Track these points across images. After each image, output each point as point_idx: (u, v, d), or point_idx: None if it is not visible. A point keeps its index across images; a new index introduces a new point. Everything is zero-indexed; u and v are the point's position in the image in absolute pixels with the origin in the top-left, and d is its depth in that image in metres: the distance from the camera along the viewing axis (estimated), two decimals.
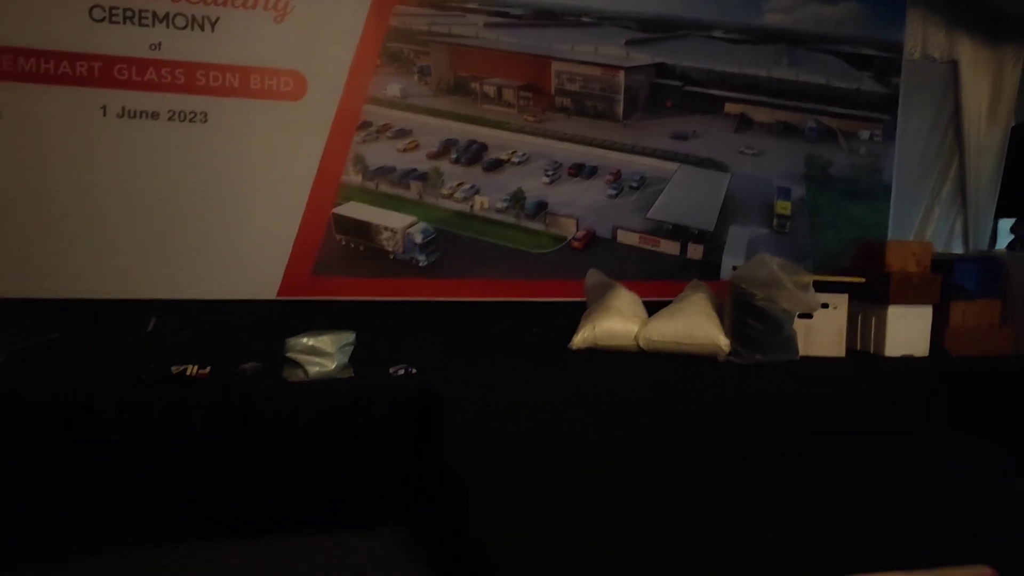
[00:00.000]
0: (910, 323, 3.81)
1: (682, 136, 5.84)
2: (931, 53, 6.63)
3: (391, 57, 5.21)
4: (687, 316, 3.70)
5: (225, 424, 2.80)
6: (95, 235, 4.68)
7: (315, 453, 2.89)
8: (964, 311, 3.86)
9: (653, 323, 3.73)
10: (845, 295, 3.83)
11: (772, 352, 3.52)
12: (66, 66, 4.64)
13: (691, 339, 3.62)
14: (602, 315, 3.83)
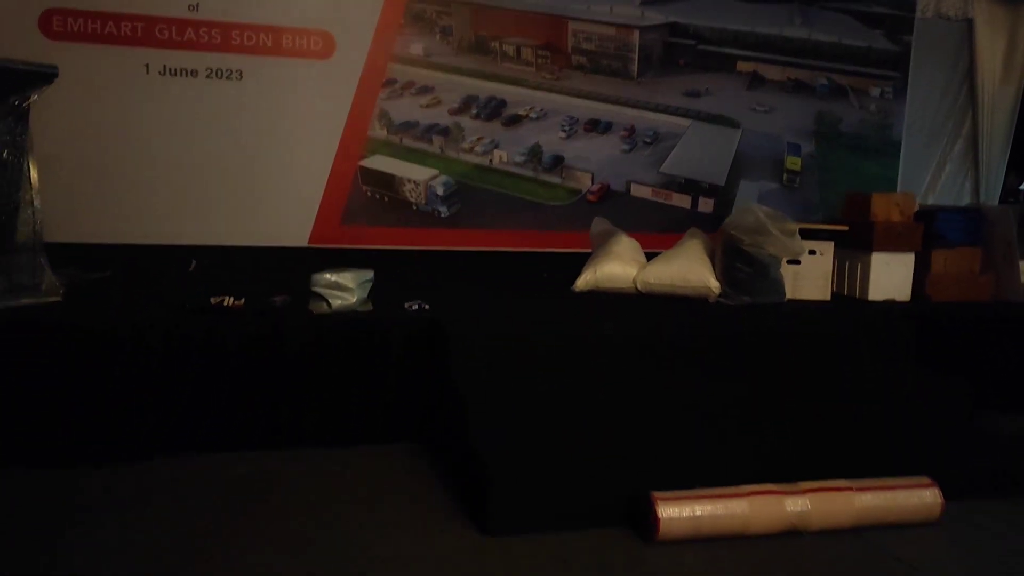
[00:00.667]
0: (893, 269, 4.05)
1: (694, 93, 6.05)
2: (945, 12, 6.73)
3: (414, 17, 5.47)
4: (681, 261, 3.97)
5: (257, 348, 3.15)
6: (140, 185, 5.04)
7: (337, 376, 3.24)
8: (945, 259, 4.09)
9: (650, 267, 4.01)
10: (831, 243, 4.07)
11: (760, 294, 3.79)
12: (112, 26, 4.98)
13: (684, 281, 3.90)
14: (603, 259, 4.12)
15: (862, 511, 2.65)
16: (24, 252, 3.22)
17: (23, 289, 3.21)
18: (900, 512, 2.69)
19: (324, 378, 3.25)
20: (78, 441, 3.03)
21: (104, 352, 3.07)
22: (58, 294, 3.35)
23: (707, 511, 2.53)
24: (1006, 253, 4.13)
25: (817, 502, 2.61)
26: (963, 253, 4.12)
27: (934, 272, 4.07)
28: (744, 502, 2.55)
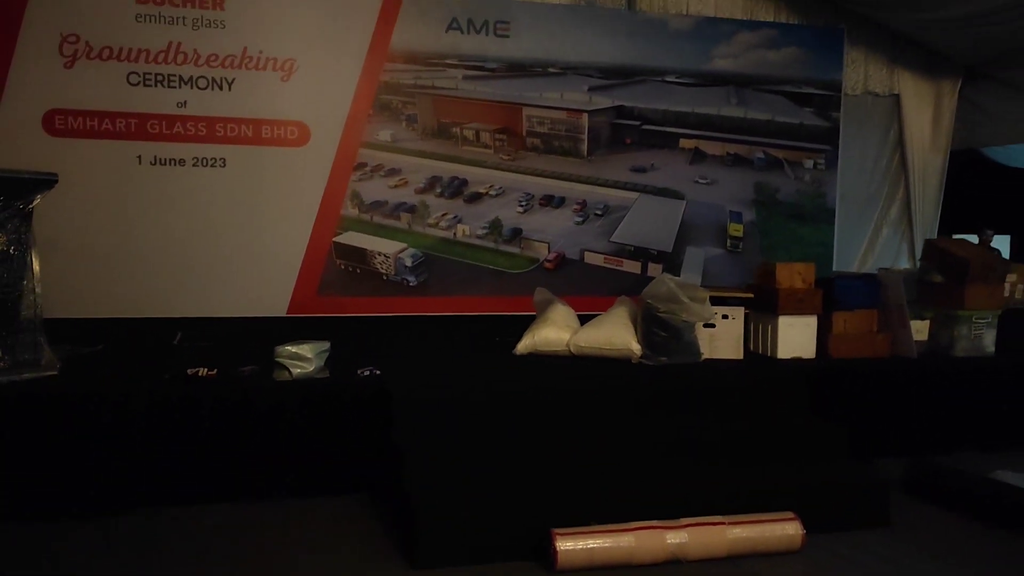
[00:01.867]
0: (798, 330, 4.53)
1: (641, 169, 6.61)
2: (873, 88, 7.35)
3: (382, 107, 6.06)
4: (608, 326, 4.47)
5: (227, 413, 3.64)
6: (132, 264, 5.56)
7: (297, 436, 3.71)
8: (845, 320, 4.57)
9: (581, 332, 4.51)
10: (741, 307, 4.58)
11: (676, 355, 4.27)
12: (108, 123, 5.56)
13: (610, 345, 4.39)
14: (541, 326, 4.62)
15: (734, 542, 3.11)
16: (26, 332, 3.73)
17: (25, 365, 3.71)
18: (767, 543, 3.15)
19: (286, 438, 3.73)
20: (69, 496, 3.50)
21: (94, 419, 3.56)
22: (55, 368, 3.85)
23: (599, 544, 2.99)
24: (899, 314, 4.63)
25: (695, 535, 3.08)
26: (861, 315, 4.62)
27: (835, 332, 4.56)
28: (631, 536, 3.02)
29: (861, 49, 7.25)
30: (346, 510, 3.65)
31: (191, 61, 5.64)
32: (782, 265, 4.56)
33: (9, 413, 3.46)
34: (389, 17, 5.99)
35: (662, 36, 6.59)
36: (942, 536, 3.51)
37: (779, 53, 6.84)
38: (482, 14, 6.17)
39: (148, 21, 5.56)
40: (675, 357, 4.29)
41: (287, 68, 5.82)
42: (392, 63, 6.02)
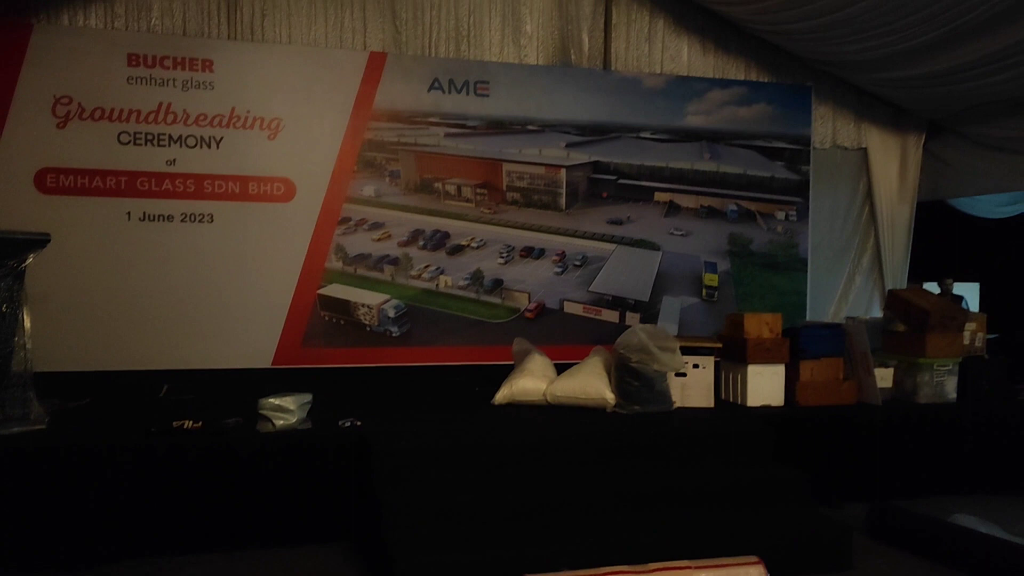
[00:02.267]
0: (766, 379, 4.68)
1: (618, 221, 6.82)
2: (841, 143, 7.63)
3: (367, 164, 6.27)
4: (582, 376, 4.62)
5: (212, 464, 3.75)
6: (120, 318, 5.69)
7: (280, 486, 3.82)
8: (812, 368, 4.73)
9: (557, 382, 4.65)
10: (711, 357, 4.74)
11: (648, 404, 4.42)
12: (99, 181, 5.73)
13: (585, 394, 4.54)
14: (518, 376, 4.77)
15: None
16: (16, 387, 3.84)
17: (14, 419, 3.82)
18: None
19: (269, 488, 3.84)
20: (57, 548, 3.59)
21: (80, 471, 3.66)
22: (43, 423, 3.96)
23: None
24: (863, 362, 4.80)
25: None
26: (827, 363, 4.78)
27: (802, 380, 4.73)
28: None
29: (829, 105, 7.53)
30: (328, 558, 3.74)
31: (180, 120, 5.85)
32: (750, 315, 4.74)
33: None
34: (373, 78, 6.23)
35: (636, 94, 6.85)
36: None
37: (749, 109, 7.11)
38: (463, 74, 6.41)
39: (139, 83, 5.77)
40: (648, 406, 4.43)
41: (273, 127, 6.02)
42: (376, 121, 6.24)
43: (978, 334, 5.26)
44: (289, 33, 6.19)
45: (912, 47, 6.05)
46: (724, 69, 7.22)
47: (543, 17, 6.77)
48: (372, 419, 4.24)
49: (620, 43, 7.01)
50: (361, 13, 6.32)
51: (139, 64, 5.77)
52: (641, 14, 7.05)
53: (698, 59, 7.18)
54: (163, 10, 5.96)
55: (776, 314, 4.81)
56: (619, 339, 4.57)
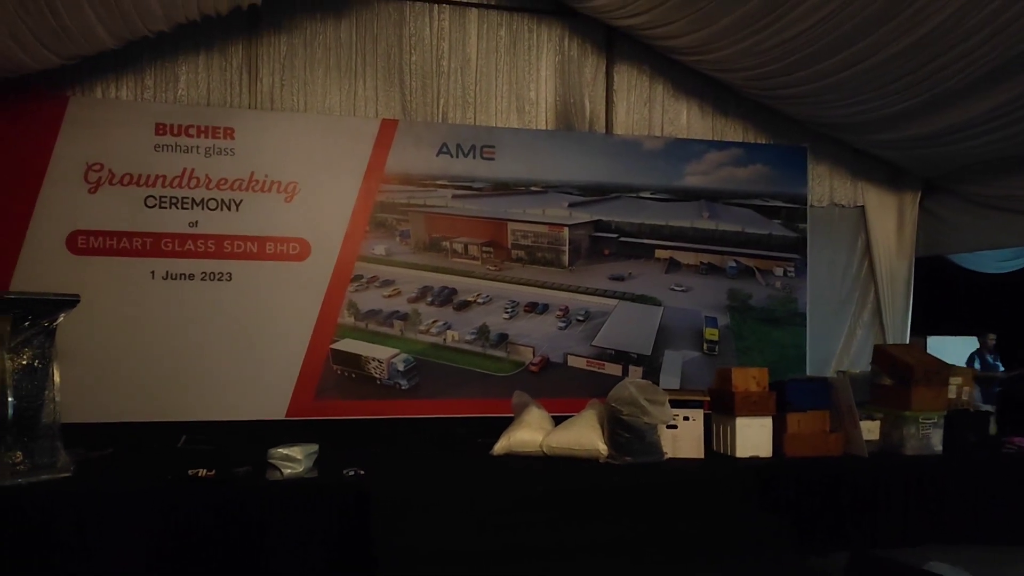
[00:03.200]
0: (754, 430, 4.87)
1: (619, 277, 7.07)
2: (839, 201, 7.87)
3: (377, 224, 6.59)
4: (577, 428, 4.84)
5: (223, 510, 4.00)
6: (142, 372, 6.00)
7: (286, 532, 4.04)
8: (799, 420, 4.91)
9: (552, 434, 4.87)
10: (700, 409, 4.94)
11: (639, 455, 4.61)
12: (125, 242, 6.09)
13: (579, 445, 4.75)
14: (516, 428, 4.99)
15: None
16: (45, 437, 4.12)
17: (42, 467, 4.10)
18: None
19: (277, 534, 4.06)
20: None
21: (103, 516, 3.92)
22: (69, 470, 4.22)
23: None
24: (849, 415, 4.98)
25: None
26: (814, 415, 4.97)
27: (789, 432, 4.91)
28: None
29: (826, 164, 7.80)
30: None
31: (203, 185, 6.22)
32: (737, 370, 4.95)
33: (27, 511, 3.83)
34: (385, 143, 6.59)
35: (637, 156, 7.16)
36: None
37: (747, 170, 7.39)
38: (470, 139, 6.76)
39: (165, 150, 6.16)
40: (639, 456, 4.63)
41: (290, 190, 6.38)
42: (388, 184, 6.58)
43: (964, 388, 5.43)
44: (305, 102, 6.58)
45: (899, 111, 6.33)
46: (723, 131, 7.53)
47: (547, 84, 7.13)
48: (377, 468, 4.46)
49: (621, 107, 7.35)
50: (373, 82, 6.71)
51: (166, 132, 6.16)
52: (641, 80, 7.39)
53: (697, 122, 7.50)
54: (188, 82, 6.38)
55: (763, 368, 5.01)
56: (611, 393, 4.79)
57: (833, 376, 5.46)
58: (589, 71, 7.25)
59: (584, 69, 7.23)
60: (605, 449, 4.70)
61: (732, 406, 4.87)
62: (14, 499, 3.88)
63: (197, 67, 6.41)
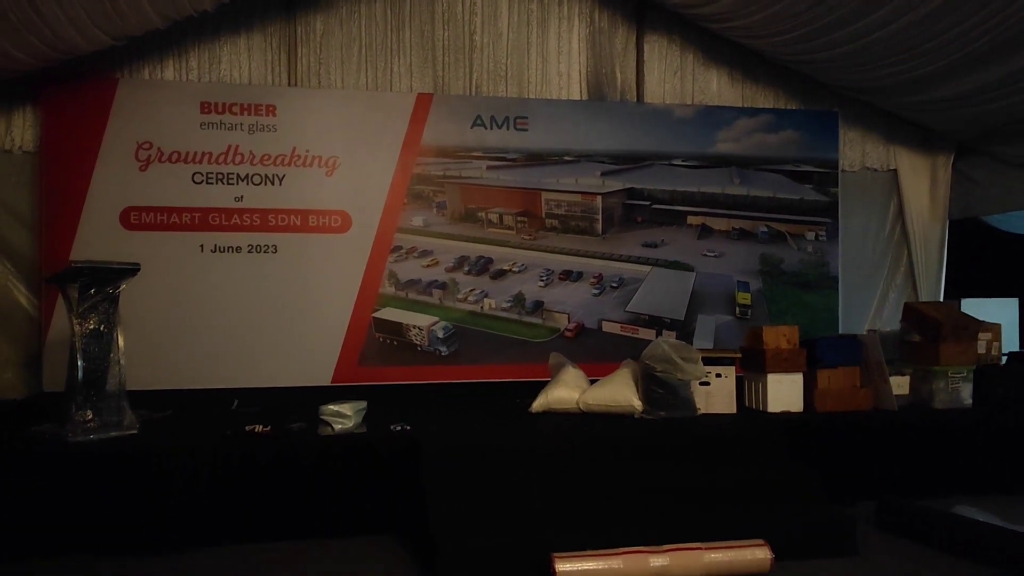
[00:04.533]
0: (785, 387, 5.01)
1: (652, 244, 7.21)
2: (871, 165, 7.90)
3: (415, 196, 6.78)
4: (612, 385, 5.01)
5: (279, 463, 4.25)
6: (195, 342, 6.27)
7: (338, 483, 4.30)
8: (829, 377, 5.03)
9: (589, 391, 5.06)
10: (732, 366, 5.09)
11: (673, 410, 4.78)
12: (175, 217, 6.35)
13: (614, 402, 4.93)
14: (553, 386, 5.19)
15: (709, 565, 3.59)
16: (112, 398, 4.41)
17: (111, 425, 4.39)
18: (739, 565, 3.61)
19: (328, 485, 4.32)
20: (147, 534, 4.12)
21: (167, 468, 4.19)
22: (135, 428, 4.51)
23: (592, 566, 3.49)
24: (879, 371, 5.10)
25: (675, 559, 3.56)
26: (844, 372, 5.09)
27: (820, 387, 5.04)
28: (620, 559, 3.51)
29: (858, 128, 7.83)
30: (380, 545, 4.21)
31: (247, 161, 6.45)
32: (768, 328, 5.09)
33: (98, 464, 4.12)
34: (420, 117, 6.77)
35: (668, 124, 7.27)
36: (903, 564, 3.93)
37: (777, 136, 7.46)
38: (503, 111, 6.92)
39: (211, 128, 6.40)
40: (673, 412, 4.80)
41: (331, 164, 6.59)
42: (424, 157, 6.77)
43: (993, 343, 5.51)
44: (343, 79, 6.77)
45: (928, 72, 6.36)
46: (753, 98, 7.60)
47: (578, 55, 7.25)
48: (420, 426, 4.69)
49: (652, 77, 7.44)
50: (408, 58, 6.89)
51: (211, 111, 6.40)
52: (672, 49, 7.48)
53: (727, 89, 7.57)
54: (231, 62, 6.60)
55: (793, 327, 5.14)
56: (644, 351, 4.96)
57: (863, 333, 5.56)
58: (620, 41, 7.35)
59: (615, 40, 7.34)
60: (640, 405, 4.88)
61: (763, 363, 5.01)
62: (86, 454, 4.17)
63: (238, 47, 6.63)
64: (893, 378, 5.13)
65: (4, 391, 6.06)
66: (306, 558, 4.07)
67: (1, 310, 6.15)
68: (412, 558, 3.99)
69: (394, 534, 4.34)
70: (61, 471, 4.11)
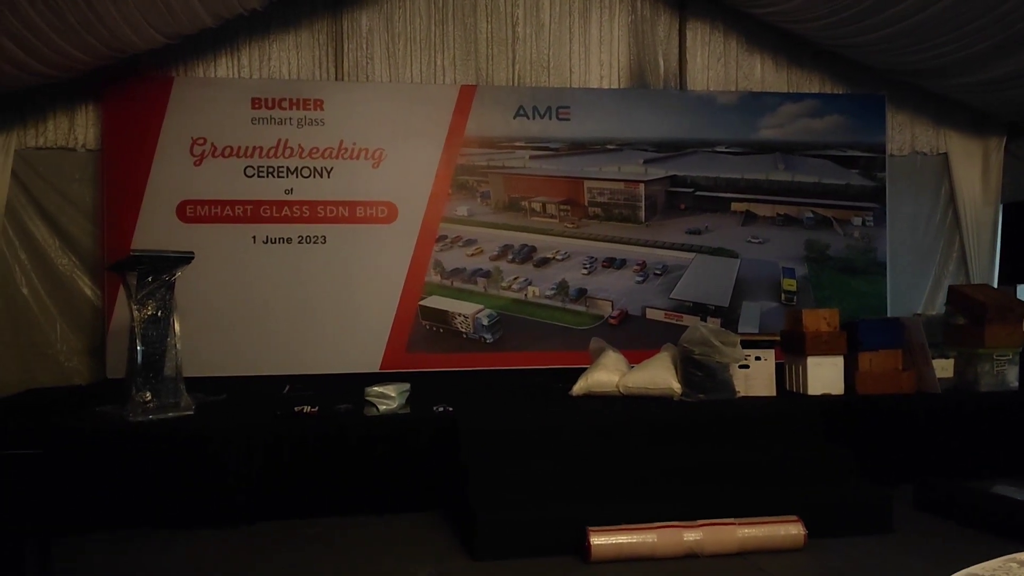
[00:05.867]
0: (826, 369, 5.00)
1: (696, 231, 7.23)
2: (921, 148, 7.78)
3: (459, 187, 6.91)
4: (652, 369, 5.06)
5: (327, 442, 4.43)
6: (247, 329, 6.49)
7: (383, 461, 4.45)
8: (871, 359, 5.01)
9: (629, 374, 5.12)
10: (772, 349, 5.10)
11: (712, 392, 4.82)
12: (228, 210, 6.58)
13: (654, 384, 4.98)
14: (593, 370, 5.26)
15: (743, 540, 3.64)
16: (170, 380, 4.64)
17: (168, 406, 4.61)
18: (772, 541, 3.66)
19: (374, 463, 4.47)
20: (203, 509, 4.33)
21: (221, 446, 4.39)
22: (191, 409, 4.73)
23: (626, 540, 3.58)
24: (921, 354, 5.07)
25: (709, 533, 3.62)
26: (886, 355, 5.07)
27: (861, 370, 5.03)
28: (654, 533, 3.59)
29: (907, 112, 7.72)
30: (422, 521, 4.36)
31: (296, 154, 6.65)
32: (808, 311, 5.09)
33: (156, 442, 4.34)
34: (464, 108, 6.89)
35: (711, 111, 7.27)
36: (938, 542, 3.93)
37: (823, 121, 7.40)
38: (545, 101, 7.00)
39: (261, 123, 6.61)
40: (712, 394, 4.85)
41: (377, 156, 6.75)
42: (468, 147, 6.90)
43: None
44: (389, 73, 6.93)
45: (977, 52, 6.26)
46: (798, 83, 7.55)
47: (620, 44, 7.30)
48: (462, 407, 4.81)
49: (695, 64, 7.45)
50: (451, 51, 7.02)
51: (261, 106, 6.61)
52: (715, 35, 7.48)
53: (771, 75, 7.54)
54: (280, 59, 6.81)
55: (833, 309, 5.14)
56: (683, 335, 5.01)
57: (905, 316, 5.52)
58: (662, 29, 7.38)
59: (657, 27, 7.37)
60: (679, 387, 4.93)
61: (803, 346, 5.02)
62: (145, 433, 4.39)
63: (287, 44, 6.83)
64: (937, 361, 5.10)
65: (70, 377, 6.37)
66: (352, 533, 4.23)
67: (67, 301, 6.45)
68: (454, 534, 4.12)
69: (437, 511, 4.47)
70: (122, 449, 4.34)
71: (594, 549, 3.57)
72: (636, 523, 3.69)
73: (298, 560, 3.88)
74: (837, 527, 3.92)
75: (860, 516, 4.02)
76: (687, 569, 3.57)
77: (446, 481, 4.45)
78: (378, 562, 3.81)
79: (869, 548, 3.80)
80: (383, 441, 4.49)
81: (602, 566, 3.57)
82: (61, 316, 6.44)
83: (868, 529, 3.97)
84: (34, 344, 6.38)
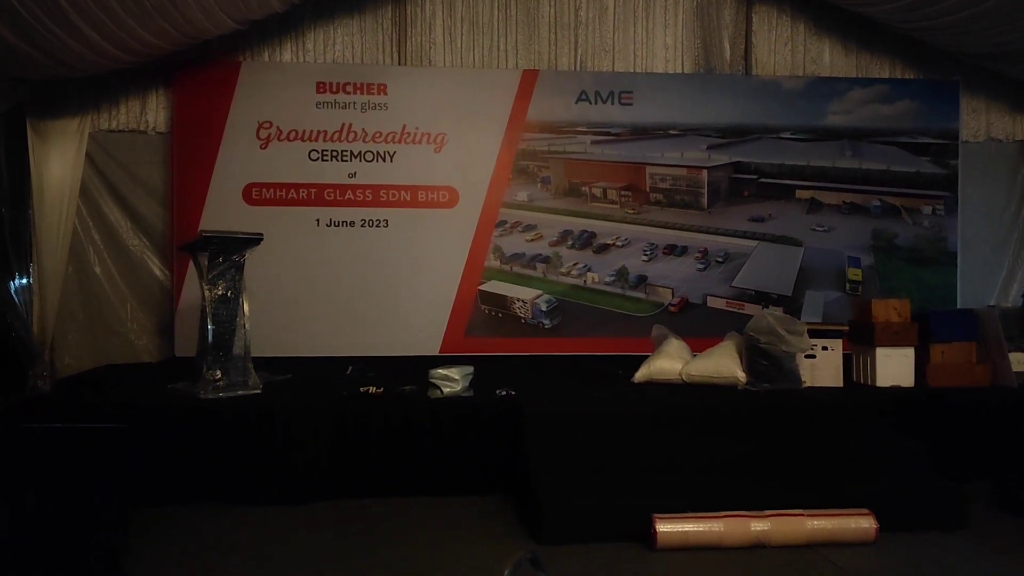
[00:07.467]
0: (895, 360, 4.89)
1: (759, 219, 7.11)
2: (996, 135, 7.53)
3: (520, 171, 6.90)
4: (716, 357, 5.01)
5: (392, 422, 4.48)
6: (312, 310, 6.59)
7: (447, 443, 4.50)
8: (943, 352, 4.88)
9: (692, 362, 5.07)
10: (840, 340, 5.00)
11: (777, 381, 4.75)
12: (293, 193, 6.67)
13: (718, 373, 4.93)
14: (656, 357, 5.23)
15: (812, 532, 3.59)
16: (239, 359, 4.74)
17: (237, 384, 4.72)
18: (842, 534, 3.61)
19: (437, 445, 4.52)
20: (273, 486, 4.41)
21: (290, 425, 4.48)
22: (259, 388, 4.83)
23: (693, 528, 3.55)
24: (997, 347, 4.92)
25: (777, 524, 3.58)
26: (959, 347, 4.94)
27: (932, 362, 4.91)
28: (721, 522, 3.56)
29: (982, 98, 7.47)
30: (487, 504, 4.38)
31: (360, 139, 6.70)
32: (877, 301, 4.98)
33: (226, 419, 4.44)
34: (526, 93, 6.87)
35: (776, 97, 7.13)
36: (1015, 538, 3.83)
37: (893, 107, 7.21)
38: (607, 86, 6.94)
39: (326, 107, 6.68)
40: (777, 383, 4.78)
41: (439, 141, 6.78)
42: (529, 133, 6.88)
43: None
44: (451, 57, 6.94)
45: None
46: (868, 68, 7.36)
47: (684, 28, 7.19)
48: (524, 392, 4.83)
49: (761, 48, 7.31)
50: (513, 36, 6.99)
51: (325, 91, 6.68)
52: (781, 19, 7.33)
53: (840, 59, 7.36)
54: (344, 44, 6.87)
55: (904, 300, 5.02)
56: (749, 323, 4.95)
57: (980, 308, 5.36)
58: (728, 13, 7.25)
59: (723, 11, 7.24)
60: (744, 376, 4.88)
61: (872, 336, 4.92)
62: (216, 410, 4.49)
63: (351, 29, 6.88)
64: (1014, 355, 4.95)
65: (140, 355, 6.54)
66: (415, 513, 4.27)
67: (138, 281, 6.61)
68: (516, 517, 4.14)
69: (498, 494, 4.50)
70: (193, 425, 4.45)
71: (660, 536, 3.55)
72: (702, 512, 3.66)
73: (366, 540, 3.93)
74: (909, 521, 3.85)
75: (933, 510, 3.94)
76: (755, 559, 3.54)
77: (506, 464, 4.47)
78: (445, 543, 3.85)
79: (943, 543, 3.73)
80: (446, 423, 4.52)
81: (668, 554, 3.56)
82: (132, 295, 6.61)
83: (941, 524, 3.89)
84: (106, 322, 6.56)
